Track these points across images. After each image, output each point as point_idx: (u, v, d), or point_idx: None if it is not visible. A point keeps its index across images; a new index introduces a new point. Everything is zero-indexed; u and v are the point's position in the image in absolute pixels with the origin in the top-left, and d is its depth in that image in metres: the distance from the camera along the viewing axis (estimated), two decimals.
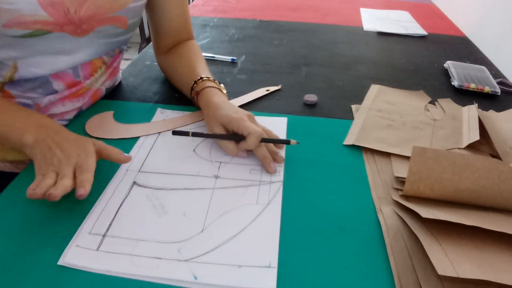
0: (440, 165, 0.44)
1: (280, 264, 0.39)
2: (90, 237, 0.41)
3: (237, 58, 0.87)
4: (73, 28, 0.52)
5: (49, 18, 0.49)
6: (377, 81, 0.78)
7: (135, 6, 0.58)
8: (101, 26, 0.56)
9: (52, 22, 0.49)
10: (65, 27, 0.51)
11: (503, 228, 0.39)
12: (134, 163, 0.52)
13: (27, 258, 0.39)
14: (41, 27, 0.49)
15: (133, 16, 0.60)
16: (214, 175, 0.51)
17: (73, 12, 0.51)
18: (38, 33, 0.49)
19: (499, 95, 0.74)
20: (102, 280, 0.37)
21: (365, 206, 0.47)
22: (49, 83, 0.57)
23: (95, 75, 0.62)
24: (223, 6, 1.27)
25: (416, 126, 0.62)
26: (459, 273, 0.34)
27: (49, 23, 0.49)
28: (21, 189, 0.47)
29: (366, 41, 1.01)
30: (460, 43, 1.03)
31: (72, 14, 0.51)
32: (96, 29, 0.55)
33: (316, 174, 0.52)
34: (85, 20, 0.53)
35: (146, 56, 0.87)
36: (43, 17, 0.48)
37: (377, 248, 0.42)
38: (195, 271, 0.38)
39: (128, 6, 0.57)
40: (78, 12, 0.51)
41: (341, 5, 1.34)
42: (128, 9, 0.57)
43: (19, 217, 0.44)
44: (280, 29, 1.08)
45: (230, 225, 0.43)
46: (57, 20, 0.50)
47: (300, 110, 0.67)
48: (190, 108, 0.66)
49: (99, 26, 0.55)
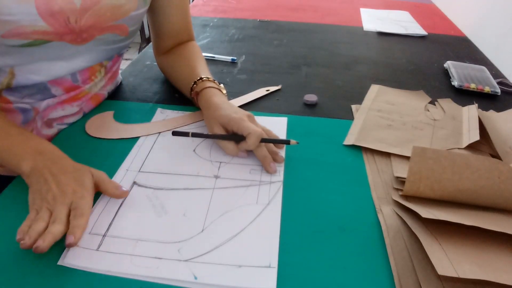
0: (440, 165, 0.44)
1: (280, 264, 0.39)
2: (90, 237, 0.41)
3: (237, 58, 0.87)
4: (73, 37, 0.52)
5: (49, 28, 0.48)
6: (377, 81, 0.78)
7: (136, 14, 0.58)
8: (102, 34, 0.55)
9: (52, 32, 0.49)
10: (65, 37, 0.51)
11: (503, 228, 0.39)
12: (134, 163, 0.52)
13: (27, 258, 0.39)
14: (41, 37, 0.48)
15: (134, 24, 0.59)
16: (214, 175, 0.51)
17: (74, 22, 0.50)
18: (37, 42, 0.49)
19: (499, 95, 0.74)
20: (102, 280, 0.37)
21: (365, 206, 0.47)
22: (47, 89, 0.56)
23: (95, 79, 0.62)
24: (223, 6, 1.27)
25: (416, 126, 0.62)
26: (459, 273, 0.34)
27: (49, 33, 0.49)
28: (21, 189, 0.47)
29: (366, 41, 1.01)
30: (460, 43, 1.03)
31: (72, 24, 0.50)
32: (96, 37, 0.55)
33: (316, 174, 0.52)
34: (85, 29, 0.52)
35: (146, 56, 0.87)
36: (43, 27, 0.47)
37: (377, 248, 0.42)
38: (195, 271, 0.38)
39: (130, 14, 0.56)
40: (78, 22, 0.51)
41: (341, 5, 1.34)
42: (130, 18, 0.57)
43: (19, 217, 0.44)
44: (280, 29, 1.08)
45: (230, 225, 0.43)
46: (57, 30, 0.49)
47: (300, 110, 0.67)
48: (190, 108, 0.66)
49: (99, 35, 0.55)
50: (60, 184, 0.43)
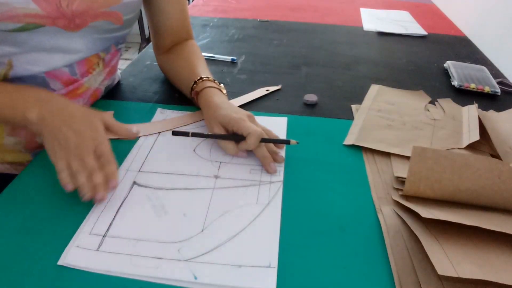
0: (440, 165, 0.44)
1: (280, 264, 0.39)
2: (91, 237, 0.41)
3: (237, 58, 0.87)
4: (66, 22, 0.52)
5: (41, 11, 0.49)
6: (377, 81, 0.78)
7: (130, 2, 0.58)
8: (95, 21, 0.55)
9: (44, 15, 0.49)
10: (58, 21, 0.51)
11: (503, 228, 0.39)
12: (134, 163, 0.52)
13: (27, 258, 0.39)
14: (33, 21, 0.49)
15: (128, 13, 0.59)
16: (214, 175, 0.51)
17: (65, 6, 0.50)
18: (30, 26, 0.49)
19: (499, 95, 0.74)
20: (102, 280, 0.37)
21: (365, 206, 0.47)
22: (45, 83, 0.56)
23: (93, 72, 0.62)
24: (223, 6, 1.27)
25: (416, 126, 0.62)
26: (459, 273, 0.34)
27: (41, 16, 0.49)
28: (21, 190, 0.47)
29: (366, 41, 1.01)
30: (460, 43, 1.03)
31: (64, 8, 0.50)
32: (90, 24, 0.55)
33: (316, 174, 0.52)
34: (78, 14, 0.52)
35: (146, 56, 0.87)
36: (34, 10, 0.48)
37: (377, 248, 0.42)
38: (195, 271, 0.38)
39: (122, 1, 0.56)
40: (70, 6, 0.51)
41: (341, 5, 1.34)
42: (122, 5, 0.57)
43: (19, 217, 0.44)
44: (280, 29, 1.08)
45: (230, 225, 0.43)
46: (48, 13, 0.49)
47: (300, 110, 0.67)
48: (190, 108, 0.66)
49: (92, 21, 0.55)
50: (76, 131, 0.45)
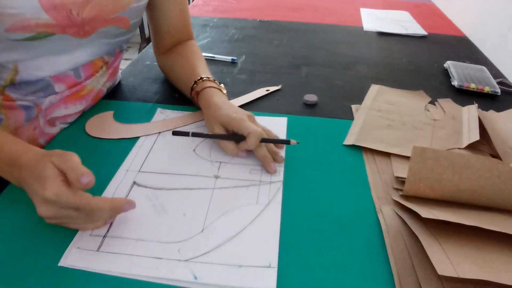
0: (440, 165, 0.44)
1: (280, 264, 0.39)
2: (91, 238, 0.41)
3: (237, 58, 0.87)
4: (76, 30, 0.52)
5: (52, 21, 0.49)
6: (377, 81, 0.78)
7: (137, 6, 0.58)
8: (104, 27, 0.56)
9: (55, 24, 0.49)
10: (68, 29, 0.51)
11: (503, 228, 0.39)
12: (134, 163, 0.52)
13: (28, 260, 0.39)
14: (44, 30, 0.49)
15: (135, 17, 0.60)
16: (214, 175, 0.51)
17: (76, 14, 0.51)
18: (41, 35, 0.49)
19: (499, 95, 0.74)
20: (102, 280, 0.37)
21: (365, 206, 0.47)
22: (50, 86, 0.56)
23: (96, 75, 0.62)
24: (223, 6, 1.27)
25: (416, 126, 0.62)
26: (459, 273, 0.34)
27: (52, 25, 0.49)
28: (21, 190, 0.47)
29: (366, 41, 1.01)
30: (460, 43, 1.03)
31: (74, 16, 0.51)
32: (99, 30, 0.55)
33: (316, 174, 0.52)
34: (87, 21, 0.53)
35: (146, 56, 0.87)
36: (46, 20, 0.48)
37: (377, 248, 0.42)
38: (195, 271, 0.38)
39: (130, 6, 0.57)
40: (80, 14, 0.51)
41: (341, 5, 1.34)
42: (131, 10, 0.57)
43: (19, 218, 0.44)
44: (280, 29, 1.08)
45: (230, 225, 0.43)
46: (59, 22, 0.49)
47: (300, 110, 0.67)
48: (190, 108, 0.66)
49: (101, 27, 0.55)
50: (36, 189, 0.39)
